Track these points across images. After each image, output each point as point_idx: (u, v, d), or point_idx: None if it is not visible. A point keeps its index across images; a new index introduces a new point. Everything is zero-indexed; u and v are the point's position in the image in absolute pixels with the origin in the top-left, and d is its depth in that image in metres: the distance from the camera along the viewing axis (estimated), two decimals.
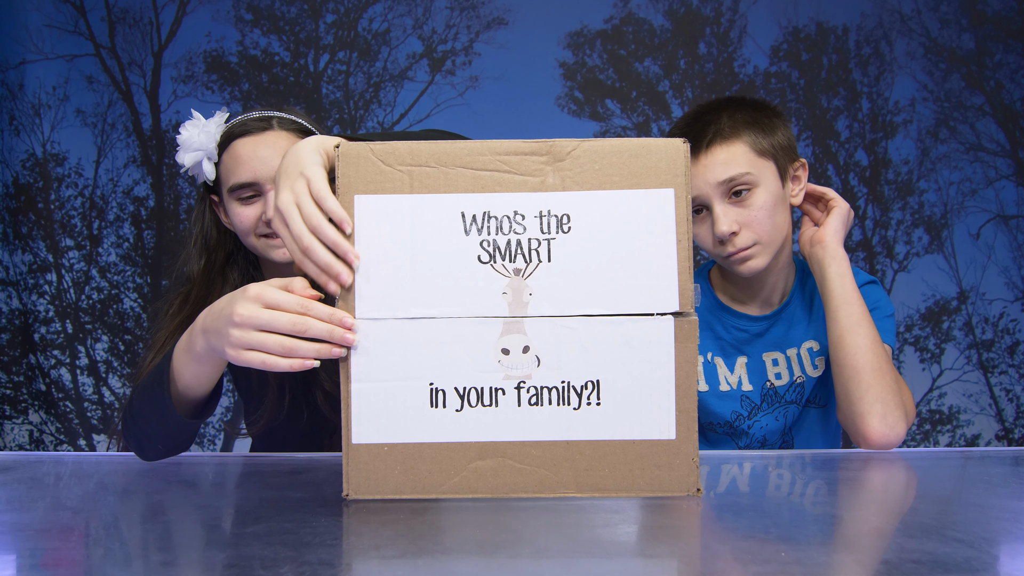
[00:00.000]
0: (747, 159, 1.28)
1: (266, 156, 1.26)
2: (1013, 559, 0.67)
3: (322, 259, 0.84)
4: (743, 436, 1.40)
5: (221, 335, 0.89)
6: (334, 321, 0.84)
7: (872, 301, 1.34)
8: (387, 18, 2.73)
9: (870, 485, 1.04)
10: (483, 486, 0.85)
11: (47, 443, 2.69)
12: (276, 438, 1.39)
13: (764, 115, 1.32)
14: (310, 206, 0.85)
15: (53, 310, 2.69)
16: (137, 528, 0.82)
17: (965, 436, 2.72)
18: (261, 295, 0.87)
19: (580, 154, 0.85)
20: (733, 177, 1.27)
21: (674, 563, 0.68)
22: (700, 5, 2.73)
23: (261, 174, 1.25)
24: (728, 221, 1.27)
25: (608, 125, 2.74)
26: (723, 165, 1.27)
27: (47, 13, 2.66)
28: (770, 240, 1.30)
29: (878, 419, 1.21)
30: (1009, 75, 2.71)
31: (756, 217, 1.28)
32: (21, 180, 2.67)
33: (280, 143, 1.27)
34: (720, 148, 1.28)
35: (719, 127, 1.29)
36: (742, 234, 1.28)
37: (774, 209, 1.29)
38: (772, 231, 1.30)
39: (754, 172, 1.28)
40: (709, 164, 1.28)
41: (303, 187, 0.86)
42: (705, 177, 1.28)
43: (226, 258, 1.35)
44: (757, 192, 1.28)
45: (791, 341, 1.40)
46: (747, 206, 1.28)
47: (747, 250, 1.28)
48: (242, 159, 1.27)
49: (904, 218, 2.73)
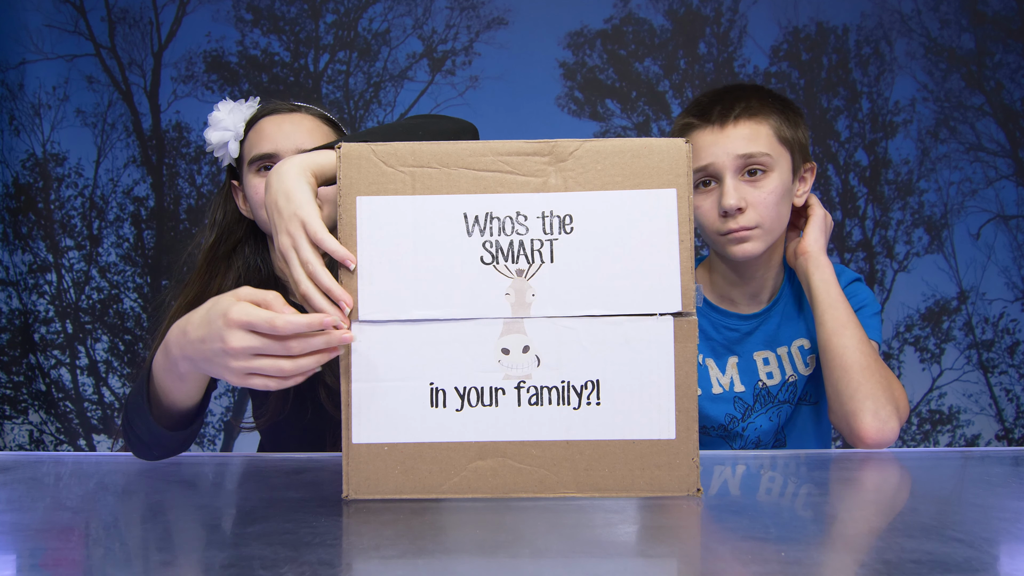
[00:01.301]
0: (769, 141, 1.29)
1: (289, 131, 1.30)
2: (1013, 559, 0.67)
3: (318, 305, 0.84)
4: (737, 438, 1.40)
5: (217, 365, 0.86)
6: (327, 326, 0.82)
7: (858, 300, 1.36)
8: (387, 18, 2.73)
9: (870, 485, 1.04)
10: (483, 486, 0.85)
11: (47, 443, 2.69)
12: (280, 433, 1.40)
13: (790, 109, 1.34)
14: (306, 252, 0.85)
15: (53, 310, 2.69)
16: (137, 528, 0.82)
17: (965, 436, 2.72)
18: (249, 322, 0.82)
19: (582, 154, 0.85)
20: (753, 154, 1.27)
21: (674, 563, 0.68)
22: (700, 5, 2.73)
23: (282, 146, 1.29)
24: (737, 196, 1.27)
25: (608, 125, 2.74)
26: (745, 140, 1.27)
27: (47, 13, 2.66)
28: (771, 227, 1.30)
29: (870, 416, 1.22)
30: (1009, 75, 2.71)
31: (765, 200, 1.28)
32: (21, 180, 2.67)
33: (306, 123, 1.32)
34: (746, 123, 1.28)
35: (748, 103, 1.29)
36: (747, 213, 1.28)
37: (781, 199, 1.30)
38: (775, 219, 1.30)
39: (773, 156, 1.29)
40: (732, 135, 1.28)
41: (299, 230, 0.86)
42: (725, 147, 1.27)
43: (234, 245, 1.37)
44: (771, 176, 1.28)
45: (781, 339, 1.40)
46: (758, 187, 1.28)
47: (748, 231, 1.28)
48: (266, 133, 1.31)
49: (904, 218, 2.73)
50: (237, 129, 1.34)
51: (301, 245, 0.86)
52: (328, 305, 0.84)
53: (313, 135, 1.32)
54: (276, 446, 1.43)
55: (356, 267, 0.85)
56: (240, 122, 1.34)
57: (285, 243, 0.88)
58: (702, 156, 1.29)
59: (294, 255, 0.86)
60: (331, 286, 0.84)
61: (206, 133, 1.36)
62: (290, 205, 0.88)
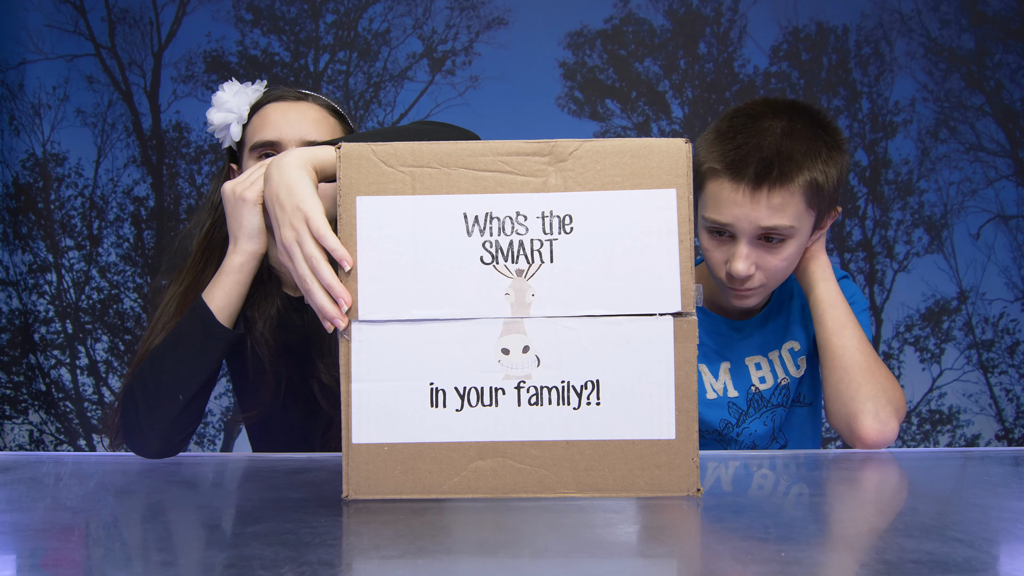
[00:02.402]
0: (797, 211, 1.20)
1: (294, 120, 1.28)
2: (1013, 559, 0.67)
3: (318, 302, 0.85)
4: (732, 444, 1.39)
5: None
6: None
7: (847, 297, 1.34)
8: (387, 18, 2.73)
9: (870, 485, 1.04)
10: (483, 486, 0.85)
11: (47, 443, 2.69)
12: (271, 429, 1.39)
13: (828, 145, 1.22)
14: (310, 247, 0.86)
15: (53, 310, 2.69)
16: (137, 528, 0.82)
17: (965, 436, 2.72)
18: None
19: (582, 154, 0.85)
20: (777, 227, 1.20)
21: (674, 563, 0.68)
22: (700, 5, 2.72)
23: (286, 134, 1.26)
24: (748, 264, 1.22)
25: (608, 125, 2.74)
26: (773, 211, 1.19)
27: (47, 13, 2.66)
28: (776, 284, 1.29)
29: (871, 417, 1.21)
30: (1009, 75, 2.71)
31: (777, 267, 1.24)
32: (21, 180, 2.67)
33: (311, 113, 1.30)
34: (779, 192, 1.18)
35: (786, 164, 1.18)
36: (756, 276, 1.24)
37: (795, 259, 1.26)
38: (783, 278, 1.28)
39: (797, 226, 1.21)
40: (760, 204, 1.19)
41: (302, 224, 0.87)
42: (750, 215, 1.19)
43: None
44: (789, 243, 1.23)
45: (772, 343, 1.39)
46: (774, 253, 1.23)
47: (753, 290, 1.26)
48: (270, 120, 1.29)
49: (904, 218, 2.73)
50: (241, 112, 1.31)
51: (305, 240, 0.86)
52: (329, 303, 0.85)
53: (319, 126, 1.29)
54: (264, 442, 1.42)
55: (356, 267, 0.85)
56: (244, 105, 1.31)
57: (288, 237, 0.88)
58: (723, 212, 1.21)
59: (298, 249, 0.87)
60: (332, 283, 0.84)
61: (209, 113, 1.33)
62: (292, 198, 0.88)
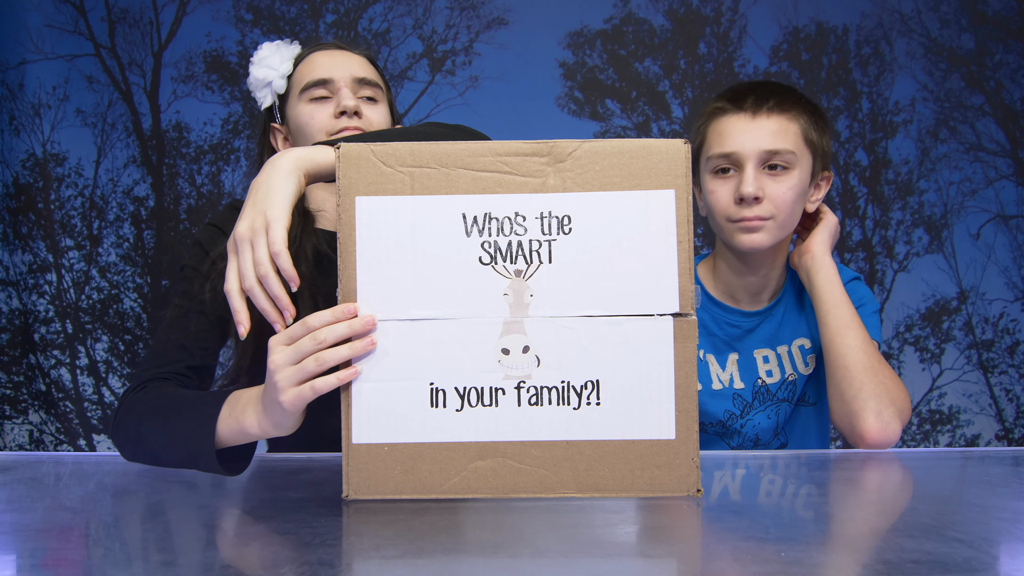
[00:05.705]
0: (796, 140, 1.30)
1: (342, 62, 1.30)
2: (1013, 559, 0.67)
3: (261, 305, 0.87)
4: (735, 435, 1.40)
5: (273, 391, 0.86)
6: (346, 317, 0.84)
7: (857, 299, 1.36)
8: (387, 18, 2.73)
9: (870, 485, 1.04)
10: (483, 486, 0.85)
11: (47, 443, 2.69)
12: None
13: (819, 115, 1.35)
14: (263, 254, 0.88)
15: (53, 310, 2.69)
16: (137, 528, 0.82)
17: (965, 436, 2.72)
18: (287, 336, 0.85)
19: (581, 155, 0.85)
20: (779, 151, 1.28)
21: (674, 563, 0.68)
22: (700, 5, 2.72)
23: (337, 74, 1.29)
24: (756, 186, 1.27)
25: (608, 125, 2.74)
26: (774, 135, 1.28)
27: (47, 13, 2.66)
28: (783, 222, 1.30)
29: (873, 416, 1.22)
30: (1009, 75, 2.71)
31: (783, 195, 1.29)
32: (21, 180, 2.67)
33: (356, 58, 1.33)
34: (777, 117, 1.29)
35: (782, 99, 1.30)
36: (764, 203, 1.28)
37: (798, 197, 1.31)
38: (789, 215, 1.31)
39: (797, 155, 1.29)
40: (762, 127, 1.28)
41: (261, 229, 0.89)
42: (753, 136, 1.28)
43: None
44: (792, 173, 1.29)
45: (782, 338, 1.40)
46: (778, 181, 1.29)
47: (761, 220, 1.29)
48: (319, 62, 1.31)
49: (904, 218, 2.73)
50: (284, 66, 1.33)
51: (259, 245, 0.89)
52: (273, 308, 0.88)
53: (365, 67, 1.32)
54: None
55: (355, 267, 0.85)
56: (288, 59, 1.34)
57: (243, 233, 0.90)
58: (727, 142, 1.29)
59: (248, 248, 0.89)
60: (279, 294, 0.88)
61: (251, 69, 1.34)
62: (266, 201, 0.91)
